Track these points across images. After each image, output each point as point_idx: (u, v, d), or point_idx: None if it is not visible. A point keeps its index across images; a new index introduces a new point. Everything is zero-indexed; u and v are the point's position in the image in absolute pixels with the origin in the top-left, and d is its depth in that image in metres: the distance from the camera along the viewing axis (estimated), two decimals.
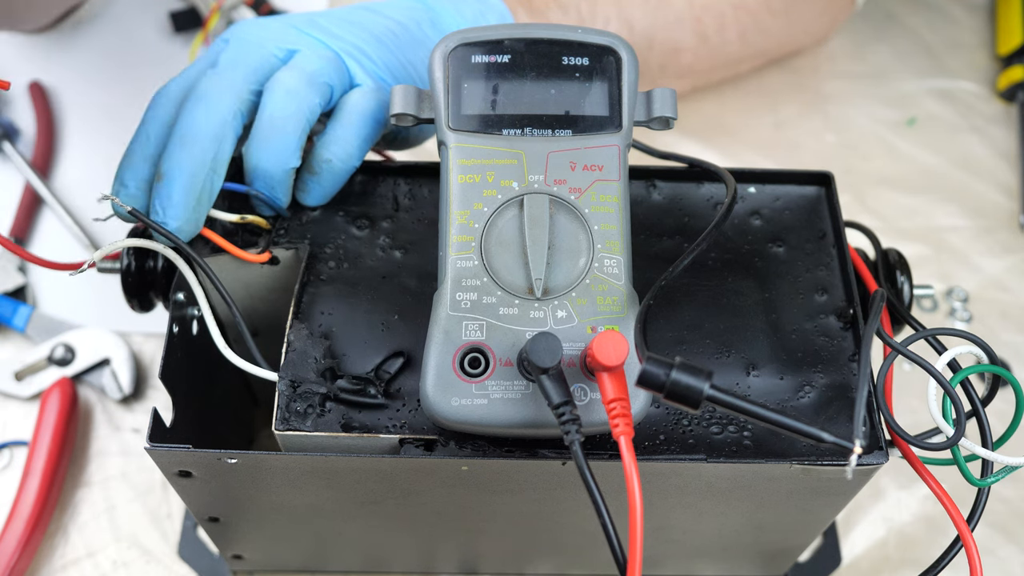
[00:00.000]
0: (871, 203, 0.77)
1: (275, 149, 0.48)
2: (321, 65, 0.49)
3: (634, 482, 0.37)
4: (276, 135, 0.48)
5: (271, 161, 0.48)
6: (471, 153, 0.45)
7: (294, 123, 0.48)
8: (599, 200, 0.45)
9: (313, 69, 0.49)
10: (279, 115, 0.48)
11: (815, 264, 0.50)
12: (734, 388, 0.47)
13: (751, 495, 0.48)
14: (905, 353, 0.44)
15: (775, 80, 0.83)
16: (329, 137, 0.49)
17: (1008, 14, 0.84)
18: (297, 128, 0.48)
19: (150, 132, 0.48)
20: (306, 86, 0.48)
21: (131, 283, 0.51)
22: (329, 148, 0.49)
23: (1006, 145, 0.80)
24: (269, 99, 0.48)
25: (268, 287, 0.53)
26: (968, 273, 0.74)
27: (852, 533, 0.63)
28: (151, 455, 0.45)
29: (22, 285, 0.69)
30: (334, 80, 0.49)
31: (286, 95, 0.48)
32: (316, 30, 0.51)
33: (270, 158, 0.48)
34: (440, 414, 0.42)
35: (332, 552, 0.58)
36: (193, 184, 0.46)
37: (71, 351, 0.66)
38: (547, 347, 0.39)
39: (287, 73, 0.49)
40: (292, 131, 0.48)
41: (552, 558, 0.59)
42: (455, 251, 0.44)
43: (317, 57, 0.49)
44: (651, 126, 0.47)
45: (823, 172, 0.52)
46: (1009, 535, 0.63)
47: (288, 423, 0.45)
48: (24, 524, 0.59)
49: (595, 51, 0.46)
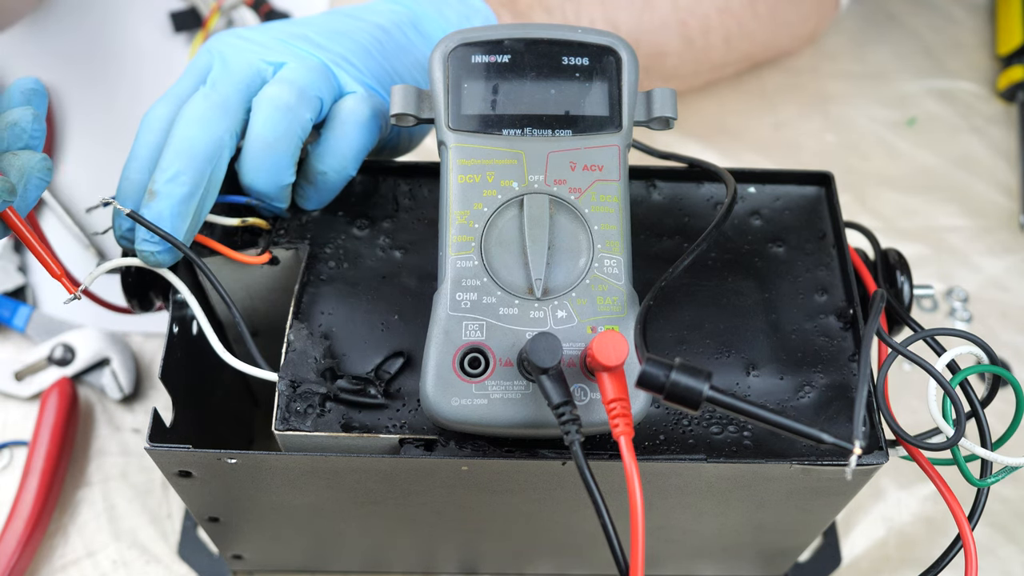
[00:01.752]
0: (871, 203, 0.77)
1: (269, 169, 0.47)
2: (311, 78, 0.48)
3: (634, 482, 0.37)
4: (269, 155, 0.47)
5: (266, 181, 0.48)
6: (471, 153, 0.45)
7: (286, 142, 0.47)
8: (599, 200, 0.45)
9: (303, 83, 0.47)
10: (271, 135, 0.47)
11: (815, 264, 0.50)
12: (734, 388, 0.47)
13: (751, 495, 0.48)
14: (905, 353, 0.44)
15: (775, 80, 0.83)
16: (323, 149, 0.48)
17: (1008, 14, 0.84)
18: (290, 146, 0.47)
19: (141, 157, 0.47)
20: (296, 101, 0.47)
21: (131, 283, 0.51)
22: (324, 160, 0.48)
23: (1006, 145, 0.80)
24: (259, 116, 0.47)
25: (268, 287, 0.53)
26: (968, 273, 0.74)
27: (852, 533, 0.63)
28: (151, 455, 0.45)
29: (22, 285, 0.69)
30: (324, 92, 0.48)
31: (276, 112, 0.47)
32: (301, 42, 0.50)
33: (265, 178, 0.47)
34: (440, 414, 0.42)
35: (332, 552, 0.58)
36: (186, 204, 0.45)
37: (71, 351, 0.66)
38: (547, 347, 0.39)
39: (276, 88, 0.47)
40: (285, 150, 0.47)
41: (552, 558, 0.59)
42: (455, 251, 0.44)
43: (306, 69, 0.48)
44: (651, 126, 0.47)
45: (823, 172, 0.52)
46: (1009, 535, 0.63)
47: (288, 423, 0.45)
48: (24, 524, 0.59)
49: (595, 51, 0.46)
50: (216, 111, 0.47)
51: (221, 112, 0.47)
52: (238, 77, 0.48)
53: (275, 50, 0.49)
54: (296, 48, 0.50)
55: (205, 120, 0.46)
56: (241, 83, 0.48)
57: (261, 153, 0.47)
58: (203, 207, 0.46)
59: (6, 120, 0.43)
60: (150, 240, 0.46)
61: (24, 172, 0.43)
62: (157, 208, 0.45)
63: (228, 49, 0.49)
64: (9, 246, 0.70)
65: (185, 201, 0.45)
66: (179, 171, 0.45)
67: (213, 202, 0.47)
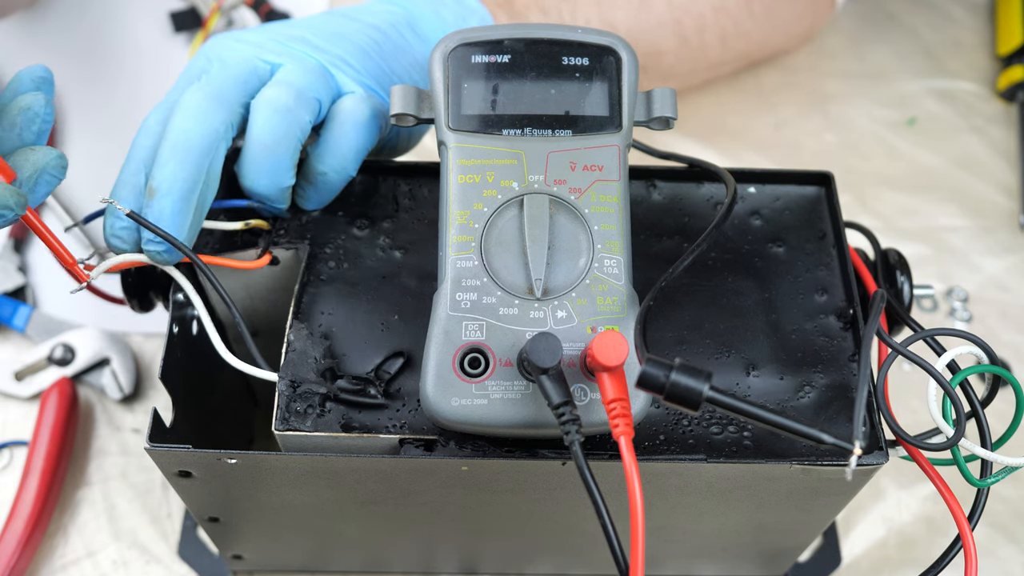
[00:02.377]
0: (871, 203, 0.77)
1: (269, 171, 0.47)
2: (309, 80, 0.48)
3: (634, 482, 0.37)
4: (269, 157, 0.47)
5: (266, 184, 0.48)
6: (471, 153, 0.45)
7: (285, 145, 0.47)
8: (599, 200, 0.45)
9: (301, 85, 0.47)
10: (270, 137, 0.47)
11: (815, 264, 0.50)
12: (734, 388, 0.47)
13: (751, 495, 0.48)
14: (905, 354, 0.44)
15: (775, 80, 0.83)
16: (323, 150, 0.48)
17: (1008, 14, 0.84)
18: (289, 149, 0.47)
19: (138, 159, 0.47)
20: (295, 103, 0.47)
21: (131, 283, 0.51)
22: (324, 161, 0.48)
23: (1006, 145, 0.80)
24: (258, 119, 0.47)
25: (268, 287, 0.53)
26: (968, 273, 0.74)
27: (852, 533, 0.63)
28: (151, 455, 0.45)
29: (22, 285, 0.69)
30: (322, 94, 0.48)
31: (275, 114, 0.47)
32: (299, 43, 0.50)
33: (265, 181, 0.47)
34: (440, 414, 0.42)
35: (332, 552, 0.58)
36: (187, 199, 0.45)
37: (71, 351, 0.66)
38: (547, 347, 0.39)
39: (274, 90, 0.47)
40: (284, 152, 0.47)
41: (552, 558, 0.59)
42: (455, 251, 0.44)
43: (304, 71, 0.48)
44: (651, 126, 0.47)
45: (823, 172, 0.52)
46: (1009, 535, 0.63)
47: (288, 423, 0.45)
48: (24, 524, 0.59)
49: (595, 51, 0.46)
50: (211, 103, 0.46)
51: (216, 104, 0.46)
52: (234, 72, 0.48)
53: (272, 51, 0.49)
54: (293, 50, 0.49)
55: (200, 112, 0.46)
56: (238, 78, 0.48)
57: (261, 155, 0.47)
58: (204, 201, 0.46)
59: (19, 104, 0.43)
60: (155, 240, 0.45)
61: (38, 167, 0.43)
62: (158, 206, 0.45)
63: (225, 51, 0.49)
64: (9, 246, 0.70)
65: (186, 197, 0.45)
66: (177, 166, 0.45)
67: (214, 195, 0.47)
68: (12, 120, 0.43)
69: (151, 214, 0.45)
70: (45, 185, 0.43)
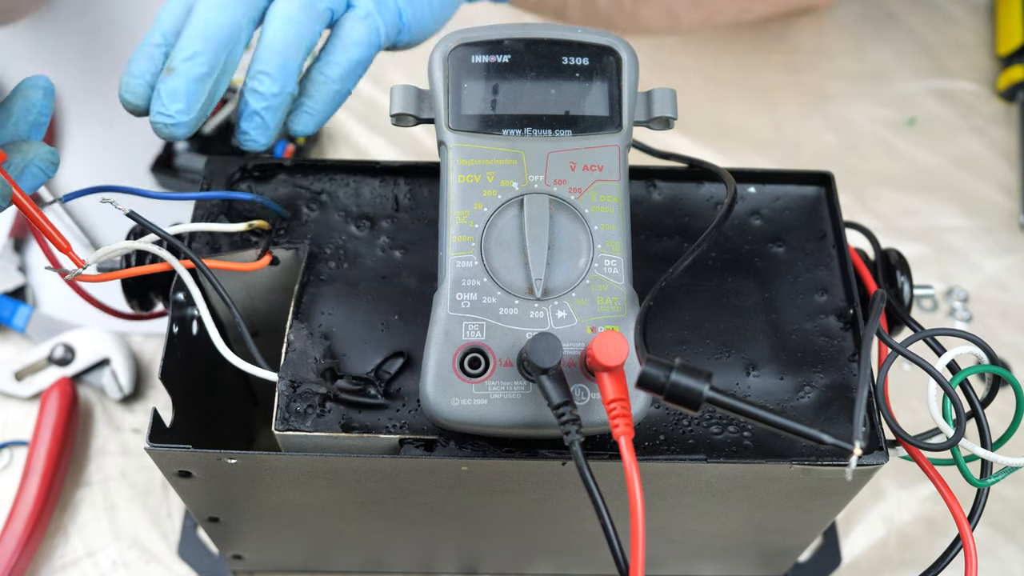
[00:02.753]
0: (871, 203, 0.77)
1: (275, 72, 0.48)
2: None
3: (635, 482, 0.37)
4: (276, 59, 0.48)
5: (271, 85, 0.48)
6: (471, 153, 0.45)
7: (295, 49, 0.48)
8: (599, 200, 0.45)
9: None
10: (280, 42, 0.48)
11: (815, 264, 0.50)
12: (734, 388, 0.47)
13: (751, 495, 0.48)
14: (905, 354, 0.44)
15: (775, 80, 0.83)
16: (323, 60, 0.50)
17: (1008, 14, 0.84)
18: (297, 54, 0.48)
19: (164, 27, 0.48)
20: (306, 14, 0.49)
21: (131, 283, 0.51)
22: (323, 71, 0.50)
23: (1006, 145, 0.80)
24: (270, 27, 0.48)
25: (268, 287, 0.53)
26: (968, 273, 0.74)
27: (852, 533, 0.63)
28: (151, 455, 0.45)
29: (22, 285, 0.69)
30: (334, 3, 0.50)
31: (287, 23, 0.48)
32: None
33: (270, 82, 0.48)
34: (440, 414, 0.42)
35: (332, 552, 0.58)
36: (203, 82, 0.46)
37: (71, 351, 0.66)
38: (547, 347, 0.39)
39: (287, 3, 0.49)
40: (292, 56, 0.48)
41: (552, 558, 0.59)
42: (455, 251, 0.44)
43: None
44: (651, 126, 0.47)
45: (823, 172, 0.52)
46: (1009, 535, 0.63)
47: (288, 423, 0.45)
48: (24, 524, 0.59)
49: (595, 51, 0.46)
50: None
51: None
52: None
53: None
54: None
55: (224, 4, 0.47)
56: None
57: (269, 56, 0.48)
58: (217, 88, 0.48)
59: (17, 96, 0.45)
60: (164, 112, 0.46)
61: (27, 157, 0.44)
62: (173, 84, 0.46)
63: None
64: (9, 246, 0.70)
65: (202, 80, 0.46)
66: (197, 51, 0.46)
67: (227, 85, 0.48)
68: (8, 109, 0.45)
69: (165, 88, 0.46)
70: (32, 177, 0.44)
